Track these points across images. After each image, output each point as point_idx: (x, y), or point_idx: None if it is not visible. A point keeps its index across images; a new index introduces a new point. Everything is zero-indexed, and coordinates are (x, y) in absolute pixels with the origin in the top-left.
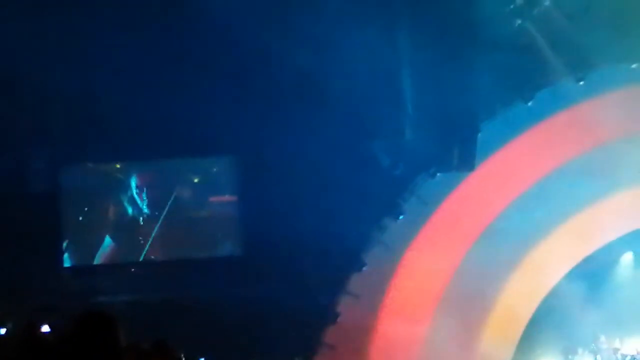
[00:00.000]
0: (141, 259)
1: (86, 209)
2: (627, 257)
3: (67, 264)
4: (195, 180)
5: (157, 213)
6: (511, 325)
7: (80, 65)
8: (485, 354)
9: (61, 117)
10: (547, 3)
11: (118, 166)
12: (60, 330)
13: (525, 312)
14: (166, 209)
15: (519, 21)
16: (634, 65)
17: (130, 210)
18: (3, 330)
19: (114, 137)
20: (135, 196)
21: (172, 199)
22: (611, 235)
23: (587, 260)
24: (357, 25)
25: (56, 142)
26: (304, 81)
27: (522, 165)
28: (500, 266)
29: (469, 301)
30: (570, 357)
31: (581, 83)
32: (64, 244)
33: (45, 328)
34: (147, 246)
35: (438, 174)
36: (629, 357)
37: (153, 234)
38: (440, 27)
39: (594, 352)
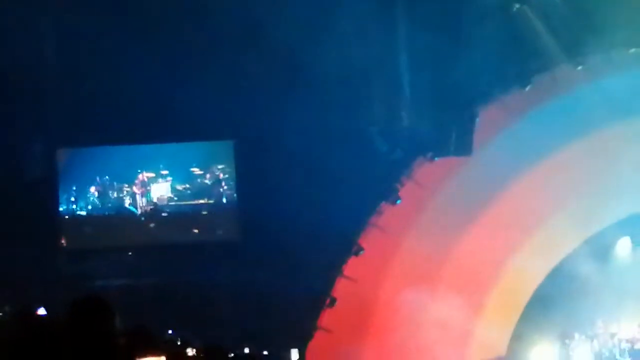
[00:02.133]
0: (138, 244)
1: (83, 193)
2: (624, 242)
3: (63, 248)
4: (194, 165)
5: (154, 198)
6: (509, 309)
7: (77, 51)
8: (483, 338)
9: (58, 103)
10: None
11: (116, 151)
12: (56, 314)
13: (523, 296)
14: (164, 193)
15: (517, 5)
16: (632, 50)
17: (127, 195)
18: None
19: (112, 122)
20: (133, 181)
21: (169, 183)
22: (608, 219)
23: (584, 245)
24: (353, 9)
25: (53, 127)
26: (300, 66)
27: (520, 150)
28: (498, 250)
29: (467, 285)
30: (567, 342)
31: (580, 68)
32: (61, 229)
33: (42, 311)
34: (144, 231)
35: (435, 159)
36: (624, 341)
37: (150, 219)
38: (438, 11)
39: (591, 337)
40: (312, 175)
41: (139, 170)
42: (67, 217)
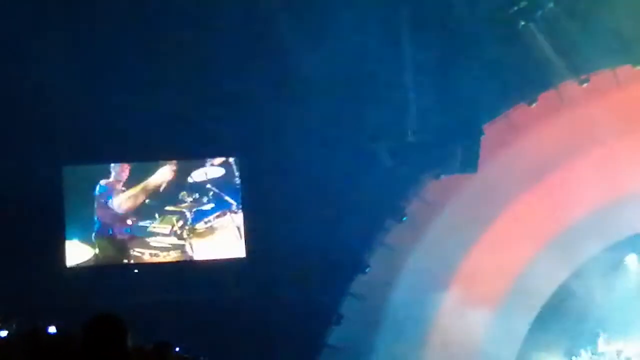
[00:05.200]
0: (145, 260)
1: (89, 209)
2: (632, 259)
3: (69, 264)
4: (200, 181)
5: (160, 214)
6: (516, 325)
7: (83, 65)
8: (490, 354)
9: (64, 117)
10: (551, 5)
11: (122, 166)
12: (64, 332)
13: (530, 312)
14: (170, 210)
15: (522, 22)
16: (638, 67)
17: (134, 211)
18: (4, 333)
19: (118, 136)
20: (140, 197)
21: (176, 200)
22: (616, 235)
23: (592, 261)
24: (360, 26)
25: (58, 141)
26: (307, 82)
27: (526, 166)
28: (504, 267)
29: (473, 301)
30: (573, 358)
31: (585, 85)
32: (67, 244)
33: (52, 329)
34: (151, 247)
35: (442, 176)
36: (631, 359)
37: (157, 235)
38: (444, 28)
39: (597, 354)
40: (318, 193)
41: (146, 186)
42: (73, 232)
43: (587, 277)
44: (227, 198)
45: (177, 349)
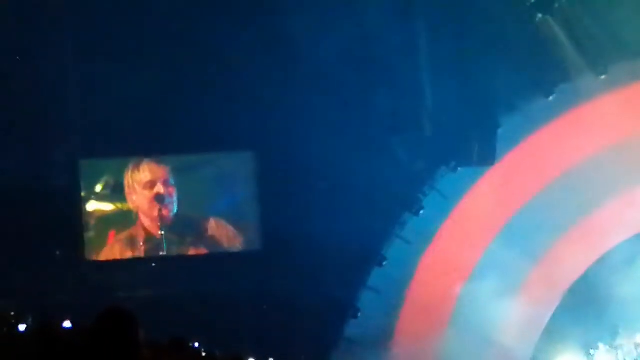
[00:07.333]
0: (160, 254)
1: (105, 203)
2: None
3: (86, 259)
4: (214, 175)
5: (176, 208)
6: (532, 321)
7: (95, 59)
8: (507, 347)
9: (79, 112)
10: None
11: (137, 160)
12: (80, 326)
13: (547, 307)
14: (185, 203)
15: (539, 15)
16: None
17: (149, 205)
18: (23, 327)
19: (133, 131)
20: (155, 190)
21: (190, 193)
22: (632, 229)
23: (607, 255)
24: (377, 19)
25: (74, 136)
26: (323, 75)
27: (543, 159)
28: (521, 261)
29: (490, 297)
30: (591, 352)
31: (602, 77)
32: (84, 239)
33: (67, 324)
34: (166, 241)
35: (458, 169)
36: None
37: (172, 229)
38: (461, 21)
39: (615, 348)
40: (334, 186)
41: (161, 180)
42: (89, 226)
43: (608, 268)
44: (242, 191)
45: (197, 344)
